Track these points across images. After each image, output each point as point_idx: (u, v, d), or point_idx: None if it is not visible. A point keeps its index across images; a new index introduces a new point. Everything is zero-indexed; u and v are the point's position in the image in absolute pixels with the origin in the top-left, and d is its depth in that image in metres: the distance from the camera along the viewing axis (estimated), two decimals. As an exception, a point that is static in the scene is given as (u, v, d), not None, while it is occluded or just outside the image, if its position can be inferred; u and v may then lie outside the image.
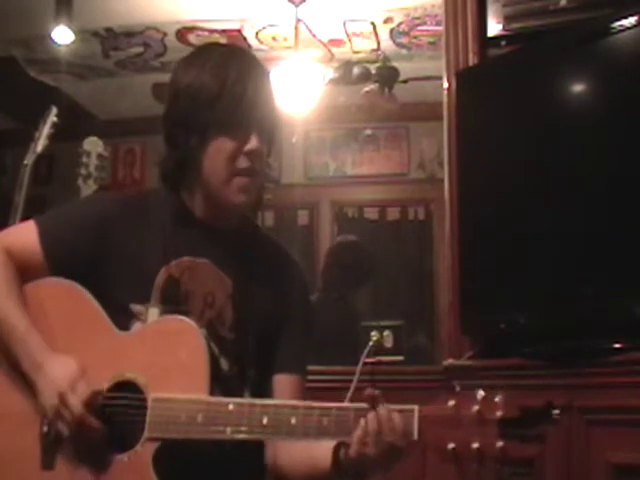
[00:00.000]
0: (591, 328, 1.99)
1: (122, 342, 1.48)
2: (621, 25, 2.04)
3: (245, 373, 1.53)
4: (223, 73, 1.49)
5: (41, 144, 3.02)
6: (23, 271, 1.53)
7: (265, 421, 1.35)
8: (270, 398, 1.52)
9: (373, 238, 5.54)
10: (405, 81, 4.98)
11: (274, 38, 4.99)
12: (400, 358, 3.00)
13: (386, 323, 3.04)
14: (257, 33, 4.94)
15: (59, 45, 4.60)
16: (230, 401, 1.38)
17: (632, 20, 2.02)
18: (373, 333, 2.94)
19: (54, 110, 3.07)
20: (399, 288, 5.78)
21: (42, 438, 1.44)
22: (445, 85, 2.57)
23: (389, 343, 2.98)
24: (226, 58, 1.53)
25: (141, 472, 1.37)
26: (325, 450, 1.40)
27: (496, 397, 1.24)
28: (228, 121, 1.48)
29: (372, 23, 4.79)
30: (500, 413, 1.22)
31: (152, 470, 1.37)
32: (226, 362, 1.51)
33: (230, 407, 1.37)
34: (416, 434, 1.28)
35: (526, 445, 1.21)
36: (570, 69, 2.21)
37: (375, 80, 4.92)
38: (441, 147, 2.63)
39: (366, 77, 4.89)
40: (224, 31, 4.87)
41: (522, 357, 2.15)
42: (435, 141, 5.40)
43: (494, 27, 2.51)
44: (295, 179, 6.11)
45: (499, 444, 1.20)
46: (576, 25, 2.30)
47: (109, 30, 4.90)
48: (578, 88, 2.24)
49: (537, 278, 2.17)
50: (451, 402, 1.27)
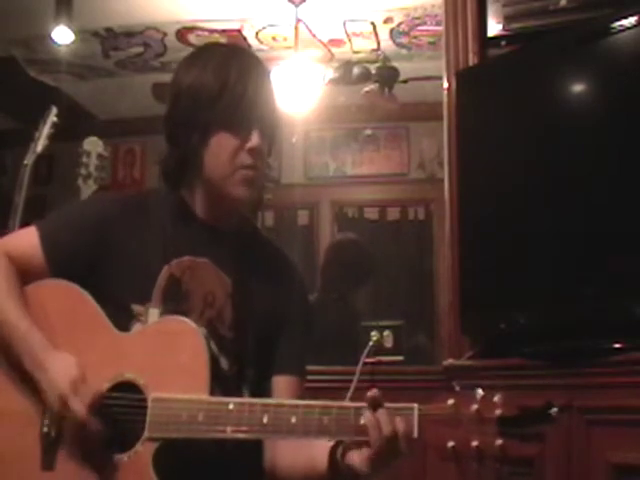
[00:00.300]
0: (591, 328, 1.99)
1: (122, 343, 1.48)
2: (621, 25, 2.04)
3: (244, 372, 1.53)
4: (224, 72, 1.50)
5: (41, 144, 3.02)
6: (24, 274, 1.53)
7: (265, 420, 1.35)
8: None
9: (373, 238, 5.54)
10: (405, 81, 4.99)
11: (274, 38, 4.99)
12: (400, 358, 2.99)
13: (386, 323, 3.03)
14: (257, 33, 4.94)
15: (59, 45, 4.60)
16: (230, 400, 1.38)
17: (632, 20, 2.02)
18: (373, 333, 2.94)
19: (54, 110, 3.08)
20: (399, 288, 5.78)
21: (42, 438, 1.44)
22: (445, 85, 2.57)
23: (389, 343, 2.97)
24: (227, 57, 1.53)
25: (141, 472, 1.37)
26: (323, 451, 1.40)
27: (495, 396, 1.24)
28: (229, 119, 1.49)
29: (372, 23, 4.79)
30: (499, 412, 1.23)
31: (152, 470, 1.37)
32: (225, 361, 1.51)
33: (230, 406, 1.37)
34: (416, 432, 1.28)
35: (526, 444, 1.22)
36: (570, 69, 2.21)
37: (375, 80, 4.92)
38: (441, 147, 2.63)
39: (366, 77, 4.89)
40: (224, 31, 4.88)
41: (522, 357, 2.15)
42: (435, 141, 5.40)
43: (494, 27, 2.51)
44: (295, 179, 6.11)
45: (498, 442, 1.21)
46: (576, 25, 2.30)
47: (109, 30, 4.90)
48: (578, 88, 2.24)
49: (537, 278, 2.17)
50: (450, 401, 1.27)
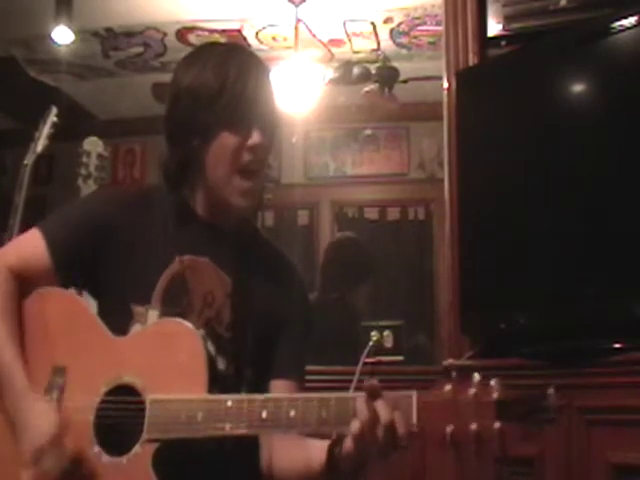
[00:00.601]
0: (591, 328, 1.99)
1: (120, 346, 1.48)
2: (621, 25, 2.04)
3: (242, 372, 1.53)
4: (223, 71, 1.50)
5: (41, 144, 3.02)
6: (30, 281, 1.52)
7: (264, 415, 1.34)
8: None
9: (373, 238, 5.53)
10: (405, 81, 4.99)
11: (274, 38, 4.99)
12: (400, 358, 2.99)
13: (386, 323, 3.03)
14: (257, 33, 4.94)
15: (59, 45, 4.60)
16: (228, 397, 1.38)
17: (632, 20, 2.02)
18: (373, 333, 2.93)
19: (54, 110, 3.08)
20: (399, 288, 5.77)
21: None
22: (445, 85, 2.57)
23: (389, 343, 2.97)
24: (226, 56, 1.53)
25: (141, 473, 1.37)
26: (320, 451, 1.40)
27: (491, 380, 1.25)
28: (230, 118, 1.49)
29: (372, 23, 4.79)
30: (496, 395, 1.23)
31: (152, 471, 1.37)
32: (223, 361, 1.51)
33: (229, 403, 1.36)
34: (415, 419, 1.28)
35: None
36: (570, 69, 2.21)
37: (375, 80, 4.92)
38: (441, 147, 2.63)
39: (366, 77, 4.89)
40: (224, 31, 4.87)
41: (522, 357, 2.15)
42: (435, 141, 5.40)
43: (494, 27, 2.51)
44: (295, 179, 6.11)
45: (496, 425, 1.21)
46: (576, 25, 2.30)
47: (109, 30, 4.90)
48: (578, 88, 2.23)
49: (537, 278, 2.17)
50: (448, 387, 1.27)
